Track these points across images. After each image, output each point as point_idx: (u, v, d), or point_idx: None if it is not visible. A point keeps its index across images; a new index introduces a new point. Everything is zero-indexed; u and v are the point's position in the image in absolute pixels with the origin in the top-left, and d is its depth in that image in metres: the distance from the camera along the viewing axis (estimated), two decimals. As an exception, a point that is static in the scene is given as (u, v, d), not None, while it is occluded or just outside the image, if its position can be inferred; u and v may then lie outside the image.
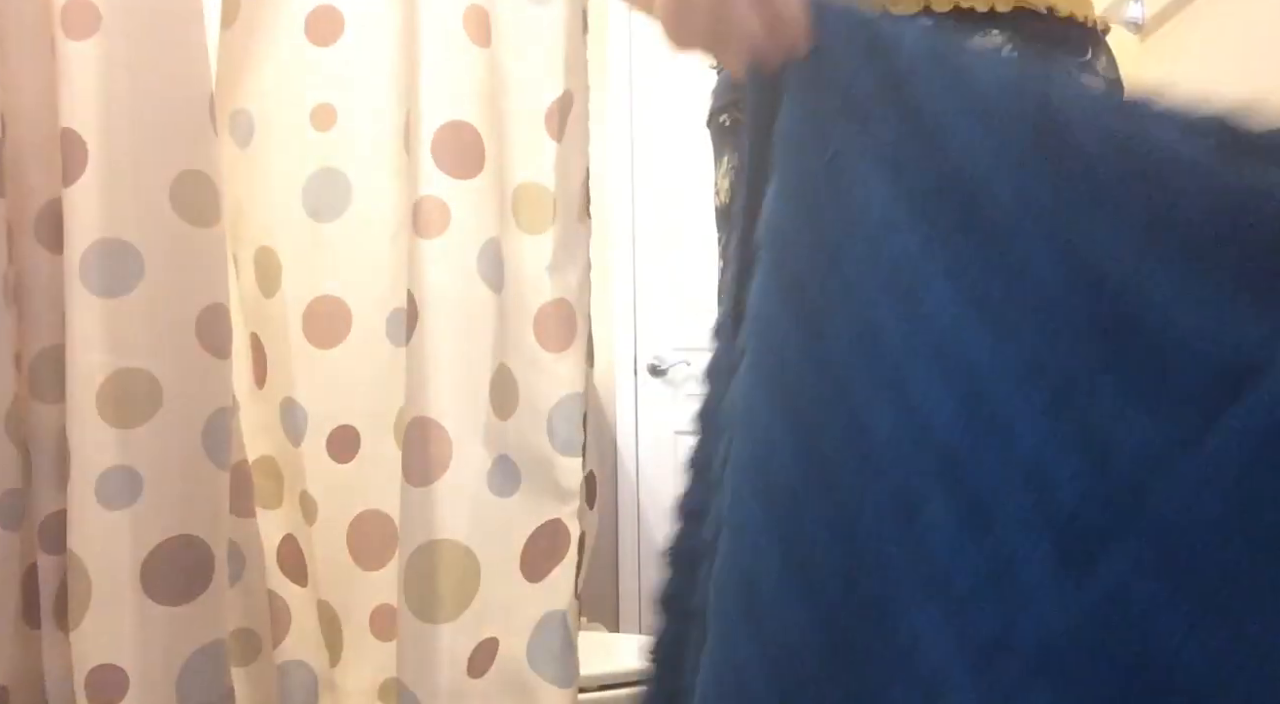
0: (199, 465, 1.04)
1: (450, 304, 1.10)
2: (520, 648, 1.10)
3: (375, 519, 1.20)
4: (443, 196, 1.11)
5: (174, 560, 1.03)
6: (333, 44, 1.16)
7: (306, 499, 1.21)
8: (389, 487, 1.17)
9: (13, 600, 1.04)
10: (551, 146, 1.12)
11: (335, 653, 1.22)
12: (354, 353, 1.19)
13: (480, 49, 1.12)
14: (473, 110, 1.11)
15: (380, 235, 1.18)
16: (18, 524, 1.03)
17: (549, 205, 1.13)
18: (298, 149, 1.18)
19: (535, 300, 1.13)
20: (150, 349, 1.03)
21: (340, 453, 1.20)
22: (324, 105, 1.17)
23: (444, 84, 1.11)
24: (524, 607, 1.12)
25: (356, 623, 1.21)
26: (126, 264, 1.02)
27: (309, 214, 1.18)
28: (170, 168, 1.04)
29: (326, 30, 1.16)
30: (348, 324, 1.19)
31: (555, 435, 1.12)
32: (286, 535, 1.22)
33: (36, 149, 1.04)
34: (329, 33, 1.16)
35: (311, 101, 1.17)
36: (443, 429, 1.09)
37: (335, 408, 1.20)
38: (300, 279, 1.19)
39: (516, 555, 1.12)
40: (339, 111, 1.17)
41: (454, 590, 1.09)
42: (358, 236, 1.18)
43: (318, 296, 1.19)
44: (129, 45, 1.02)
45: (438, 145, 1.10)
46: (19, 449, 1.03)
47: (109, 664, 1.00)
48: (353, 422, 1.20)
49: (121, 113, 1.02)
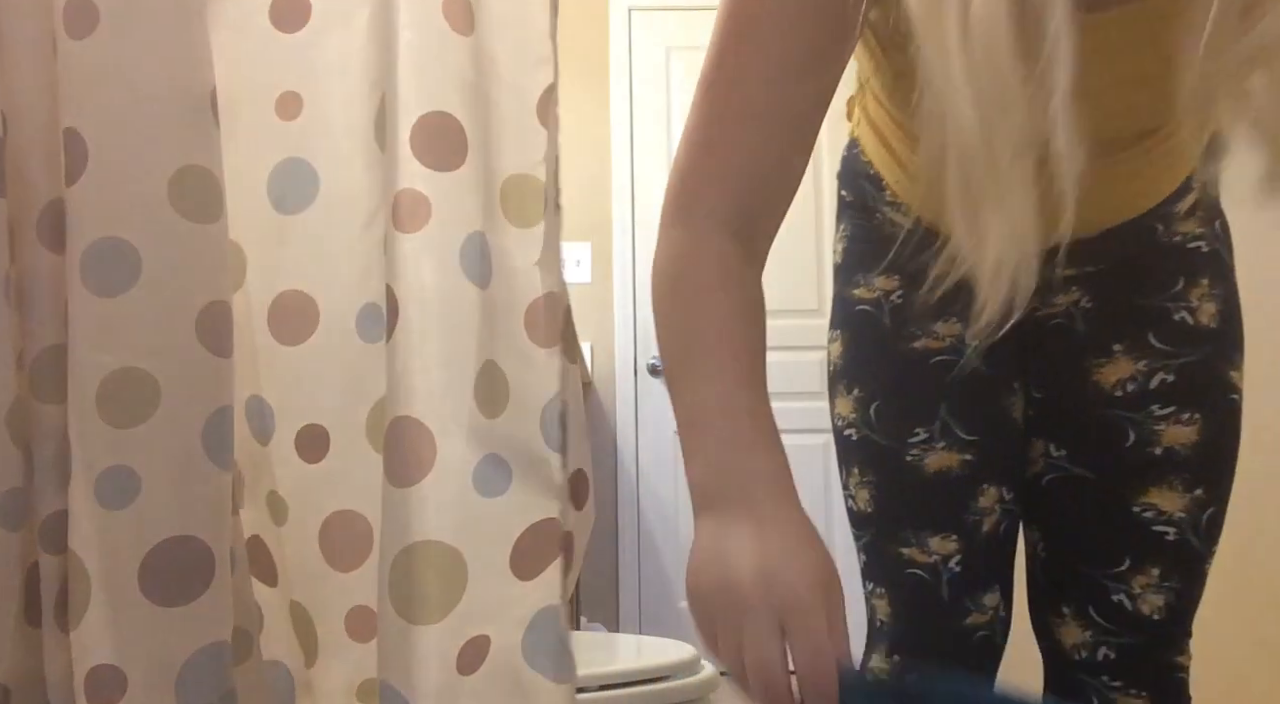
0: (199, 465, 1.03)
1: (431, 300, 1.07)
2: (515, 645, 1.08)
3: (348, 519, 1.17)
4: (422, 189, 1.08)
5: (174, 560, 1.02)
6: (299, 30, 1.13)
7: (275, 499, 1.18)
8: (362, 486, 1.14)
9: (14, 600, 1.04)
10: (542, 135, 1.10)
11: (310, 654, 1.20)
12: (321, 350, 1.16)
13: (461, 37, 1.09)
14: (454, 100, 1.08)
15: (350, 228, 1.15)
16: (19, 524, 1.03)
17: (539, 197, 1.11)
18: (263, 139, 1.14)
19: (526, 295, 1.10)
20: (150, 348, 1.02)
21: (309, 452, 1.18)
22: (290, 93, 1.14)
23: (422, 74, 1.08)
24: (516, 604, 1.10)
25: (331, 624, 1.19)
26: (125, 263, 1.01)
27: (274, 206, 1.15)
28: (169, 164, 1.02)
29: (293, 16, 1.13)
30: (315, 320, 1.16)
31: (549, 432, 1.10)
32: (253, 537, 1.19)
33: (38, 148, 1.04)
34: (295, 19, 1.13)
35: (277, 89, 1.14)
36: (425, 428, 1.06)
37: (302, 406, 1.17)
38: (265, 273, 1.16)
39: (507, 555, 1.09)
40: (305, 100, 1.14)
41: (440, 591, 1.07)
42: (325, 230, 1.15)
43: (283, 291, 1.16)
44: (128, 42, 1.01)
45: (417, 137, 1.07)
46: (21, 449, 1.02)
47: (108, 664, 0.99)
48: (321, 421, 1.17)
49: (121, 111, 1.01)
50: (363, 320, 1.15)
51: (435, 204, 1.08)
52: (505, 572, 1.09)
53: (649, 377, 3.80)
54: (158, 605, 1.01)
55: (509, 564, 1.09)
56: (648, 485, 3.86)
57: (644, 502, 3.87)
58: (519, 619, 1.09)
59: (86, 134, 1.00)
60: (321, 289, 1.16)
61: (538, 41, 1.10)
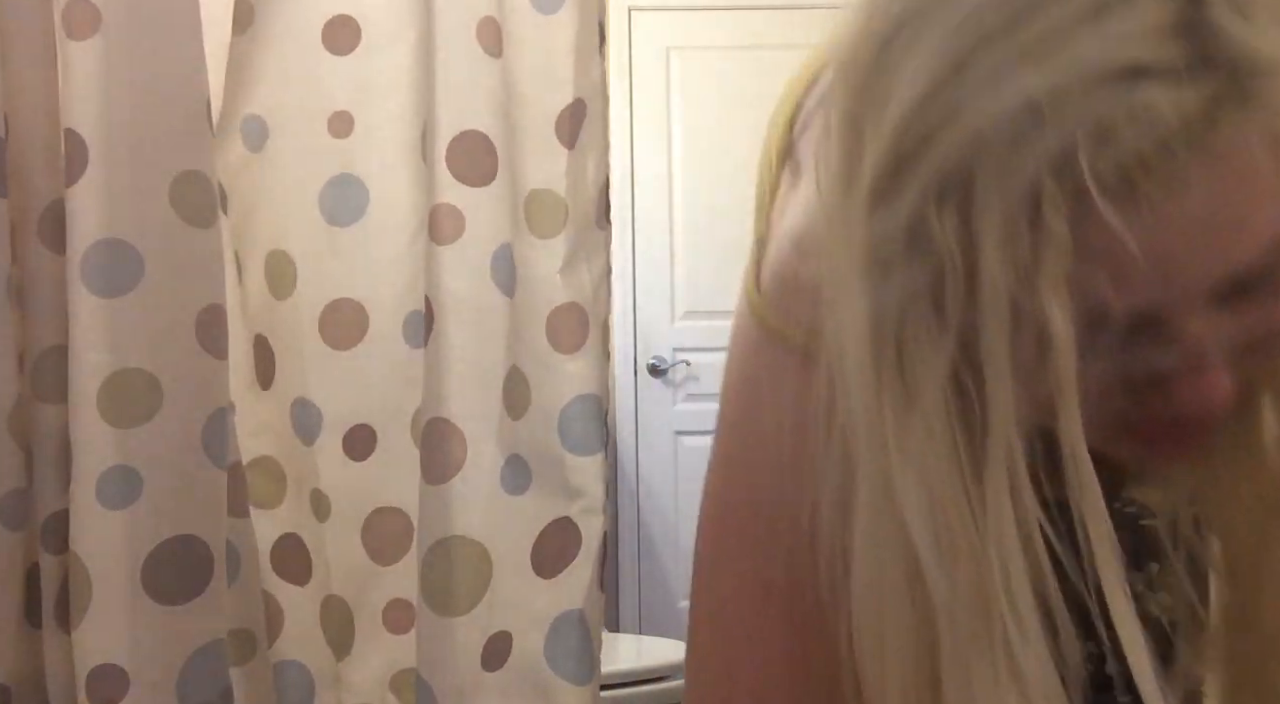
0: (199, 465, 1.06)
1: (465, 308, 1.14)
2: (537, 645, 1.14)
3: (391, 515, 1.23)
4: (457, 204, 1.14)
5: (174, 560, 1.04)
6: (350, 53, 1.19)
7: (318, 497, 1.23)
8: (405, 484, 1.20)
9: (15, 600, 1.05)
10: (563, 154, 1.16)
11: (344, 647, 1.24)
12: (371, 354, 1.21)
13: (493, 60, 1.15)
14: (486, 120, 1.15)
15: (397, 240, 1.20)
16: (21, 524, 1.04)
17: (561, 211, 1.16)
18: (315, 155, 1.20)
19: (547, 304, 1.16)
20: (150, 349, 1.04)
21: (356, 451, 1.23)
22: (341, 112, 1.20)
23: (459, 95, 1.15)
24: (537, 603, 1.15)
25: (369, 617, 1.24)
26: (126, 264, 1.03)
27: (326, 219, 1.21)
28: (170, 168, 1.05)
29: (344, 39, 1.19)
30: (365, 326, 1.22)
31: (566, 435, 1.15)
32: (286, 534, 1.24)
33: (40, 149, 1.05)
34: (346, 42, 1.19)
35: (329, 108, 1.20)
36: (459, 430, 1.13)
37: (352, 407, 1.22)
38: (316, 282, 1.22)
39: (528, 552, 1.15)
40: (356, 119, 1.20)
41: (468, 585, 1.13)
42: (375, 241, 1.21)
43: (334, 299, 1.21)
44: (129, 46, 1.03)
45: (453, 154, 1.14)
46: (22, 449, 1.04)
47: (109, 664, 1.01)
48: (369, 421, 1.23)
49: (122, 113, 1.03)
50: (408, 327, 1.21)
51: (469, 217, 1.15)
52: (526, 568, 1.15)
53: (649, 377, 3.82)
54: (160, 604, 1.03)
55: (530, 561, 1.15)
56: (647, 486, 3.88)
57: (644, 502, 3.90)
58: (541, 619, 1.15)
59: (87, 135, 1.01)
60: (371, 297, 1.21)
61: (559, 64, 1.16)
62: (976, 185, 0.45)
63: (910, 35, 0.47)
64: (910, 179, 0.46)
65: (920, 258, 0.46)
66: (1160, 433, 0.51)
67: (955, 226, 0.45)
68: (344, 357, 1.21)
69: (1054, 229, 0.43)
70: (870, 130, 0.48)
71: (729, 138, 3.36)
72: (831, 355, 0.53)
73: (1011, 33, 0.44)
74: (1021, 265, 0.44)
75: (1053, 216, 0.43)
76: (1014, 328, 0.45)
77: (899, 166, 0.46)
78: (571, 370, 1.16)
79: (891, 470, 0.49)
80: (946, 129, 0.45)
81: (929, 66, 0.46)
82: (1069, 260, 0.44)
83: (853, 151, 0.49)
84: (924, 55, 0.46)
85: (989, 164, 0.44)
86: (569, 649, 1.14)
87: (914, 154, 0.46)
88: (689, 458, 3.39)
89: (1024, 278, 0.44)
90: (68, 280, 1.02)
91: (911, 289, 0.47)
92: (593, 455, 1.17)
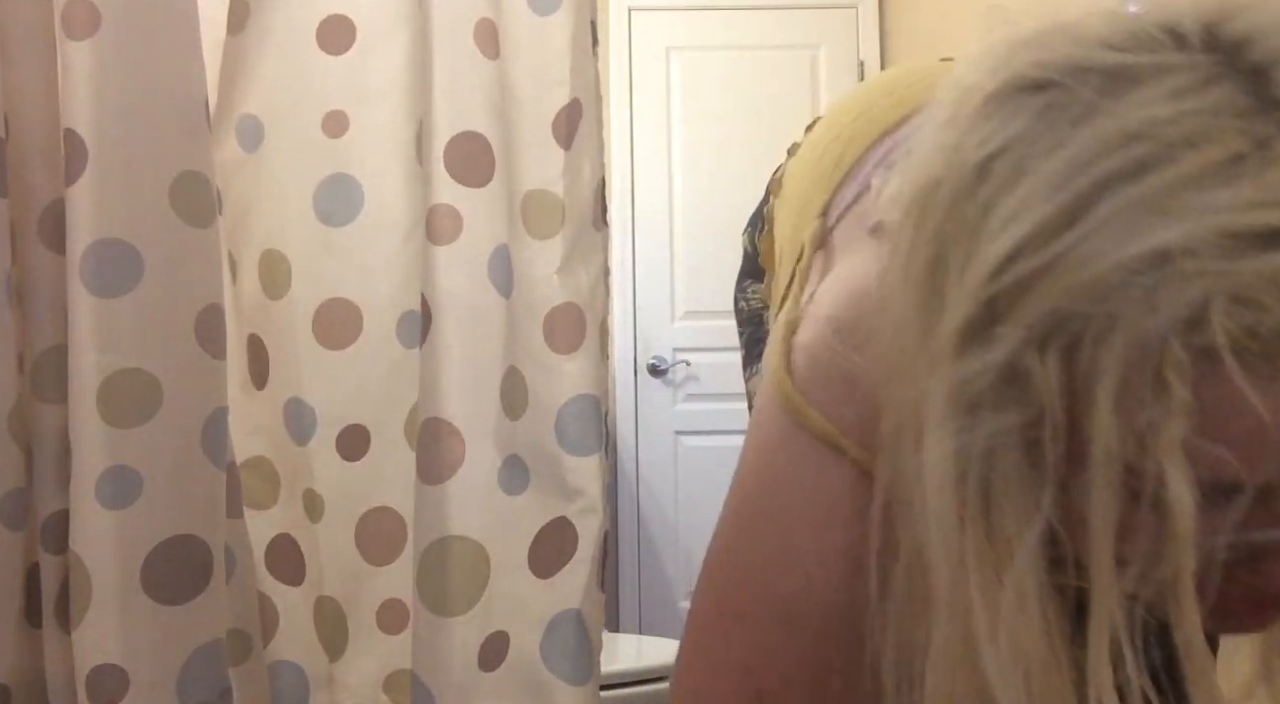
0: (198, 465, 1.06)
1: (462, 308, 1.14)
2: (534, 645, 1.14)
3: (384, 516, 1.22)
4: (455, 204, 1.14)
5: (174, 560, 1.04)
6: (345, 53, 1.19)
7: (312, 497, 1.23)
8: (399, 484, 1.20)
9: (15, 600, 1.04)
10: (559, 154, 1.16)
11: (337, 648, 1.24)
12: (365, 354, 1.21)
13: (490, 61, 1.15)
14: (483, 121, 1.15)
15: (391, 240, 1.20)
16: (21, 524, 1.04)
17: (557, 211, 1.17)
18: (309, 155, 1.20)
19: (545, 304, 1.16)
20: (150, 349, 1.04)
21: (350, 451, 1.23)
22: (336, 112, 1.19)
23: (456, 96, 1.14)
24: (535, 603, 1.15)
25: (362, 617, 1.24)
26: (126, 264, 1.03)
27: (320, 218, 1.20)
28: (170, 168, 1.05)
29: (338, 39, 1.18)
30: (359, 326, 1.21)
31: (564, 435, 1.15)
32: (280, 535, 1.24)
33: (39, 149, 1.05)
34: (341, 42, 1.19)
35: (324, 108, 1.19)
36: (455, 430, 1.13)
37: (346, 408, 1.22)
38: (310, 282, 1.21)
39: (525, 552, 1.15)
40: (351, 119, 1.19)
41: (465, 584, 1.13)
42: (369, 241, 1.20)
43: (328, 299, 1.21)
44: (129, 46, 1.03)
45: (450, 154, 1.14)
46: (21, 449, 1.04)
47: (109, 664, 1.00)
48: (363, 421, 1.22)
49: (121, 113, 1.02)
50: (402, 327, 1.20)
51: (466, 218, 1.14)
52: (523, 568, 1.15)
53: (649, 377, 3.82)
54: (160, 604, 1.03)
55: (527, 561, 1.15)
56: (647, 486, 3.88)
57: (644, 502, 3.90)
58: (537, 619, 1.14)
59: (86, 135, 1.01)
60: (365, 297, 1.21)
61: (555, 65, 1.16)
62: (1088, 334, 0.42)
63: (1012, 165, 0.45)
64: (1011, 318, 0.44)
65: (1015, 403, 0.44)
66: (1242, 606, 0.49)
67: (1058, 373, 0.43)
68: (338, 357, 1.21)
69: (1177, 392, 0.41)
70: (960, 259, 0.46)
71: (729, 138, 3.36)
72: (904, 490, 0.50)
73: (1137, 180, 0.41)
74: (1139, 427, 0.42)
75: (1176, 378, 0.41)
76: (1126, 493, 0.43)
77: (997, 304, 0.44)
78: (569, 370, 1.16)
79: (977, 627, 0.47)
80: (1057, 272, 0.42)
81: (1036, 204, 0.43)
82: (1190, 426, 0.41)
83: (937, 270, 0.47)
84: (1029, 190, 0.44)
85: (1106, 313, 0.41)
86: (566, 649, 1.14)
87: (1017, 294, 0.44)
88: (689, 458, 3.39)
89: (1141, 441, 0.42)
90: (67, 280, 1.02)
91: (1002, 434, 0.45)
92: (590, 455, 1.17)
